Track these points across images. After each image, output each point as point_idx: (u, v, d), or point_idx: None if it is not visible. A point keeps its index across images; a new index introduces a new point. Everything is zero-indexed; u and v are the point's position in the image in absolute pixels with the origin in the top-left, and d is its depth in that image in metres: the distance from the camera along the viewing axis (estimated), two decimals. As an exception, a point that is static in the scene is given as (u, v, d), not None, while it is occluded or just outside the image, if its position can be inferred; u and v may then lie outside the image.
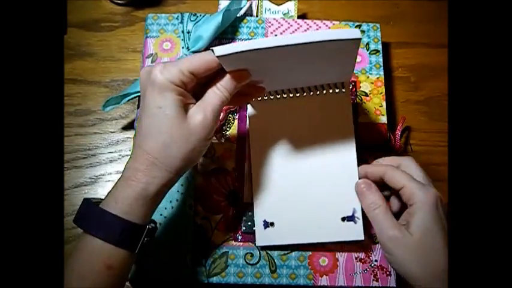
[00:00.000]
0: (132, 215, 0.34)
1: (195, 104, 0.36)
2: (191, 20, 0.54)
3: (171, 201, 0.48)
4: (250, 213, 0.47)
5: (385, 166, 0.42)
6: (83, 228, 0.35)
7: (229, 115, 0.51)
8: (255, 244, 0.47)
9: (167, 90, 0.34)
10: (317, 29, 0.55)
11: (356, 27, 0.55)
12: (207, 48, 0.53)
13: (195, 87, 0.37)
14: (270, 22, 0.55)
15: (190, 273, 0.46)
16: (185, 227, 0.47)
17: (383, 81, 0.53)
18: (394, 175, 0.41)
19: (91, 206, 0.35)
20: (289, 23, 0.55)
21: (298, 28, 0.55)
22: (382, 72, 0.53)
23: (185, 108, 0.35)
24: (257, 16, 0.57)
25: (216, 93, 0.36)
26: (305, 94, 0.46)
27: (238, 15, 0.55)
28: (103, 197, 0.36)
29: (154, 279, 0.46)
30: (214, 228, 0.47)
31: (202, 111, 0.35)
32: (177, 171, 0.36)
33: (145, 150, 0.35)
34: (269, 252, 0.47)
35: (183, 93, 0.35)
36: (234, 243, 0.47)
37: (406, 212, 0.40)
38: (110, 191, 0.36)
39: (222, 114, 0.50)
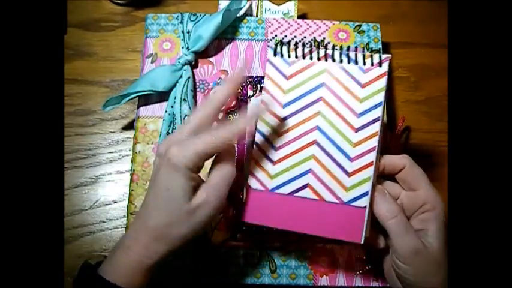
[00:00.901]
0: (130, 285, 0.35)
1: (201, 183, 0.37)
2: (191, 20, 0.54)
3: (171, 201, 0.48)
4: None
5: (406, 158, 0.39)
6: None
7: (229, 115, 0.51)
8: (255, 244, 0.46)
9: (179, 173, 0.35)
10: (317, 29, 0.55)
11: (356, 27, 0.55)
12: (207, 48, 0.53)
13: None
14: (270, 22, 0.55)
15: (191, 273, 0.46)
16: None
17: (383, 81, 0.53)
18: (416, 174, 0.39)
19: (90, 272, 0.36)
20: (289, 23, 0.55)
21: (298, 28, 0.55)
22: (382, 72, 0.53)
23: (194, 189, 0.36)
24: (257, 16, 0.57)
25: (218, 172, 0.37)
26: None
27: (238, 15, 0.55)
28: (103, 199, 0.36)
29: (154, 279, 0.46)
30: (214, 228, 0.47)
31: (204, 193, 0.36)
32: (177, 247, 0.36)
33: (148, 225, 0.36)
34: (269, 252, 0.47)
35: (194, 177, 0.36)
36: (234, 243, 0.47)
37: (417, 218, 0.39)
38: (109, 256, 0.37)
39: (221, 114, 0.50)
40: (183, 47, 0.53)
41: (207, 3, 0.60)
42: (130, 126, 0.55)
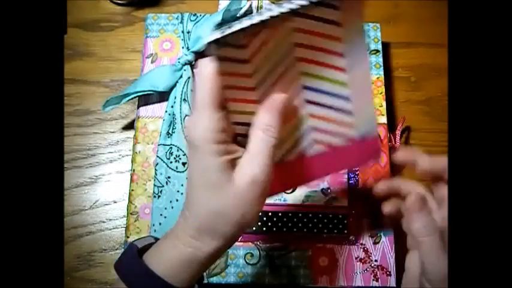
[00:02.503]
0: (175, 279, 0.31)
1: (241, 155, 0.31)
2: (191, 20, 0.54)
3: (171, 201, 0.48)
4: (250, 213, 0.47)
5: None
6: (123, 280, 0.32)
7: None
8: (255, 244, 0.46)
9: (207, 153, 0.30)
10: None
11: (356, 27, 0.55)
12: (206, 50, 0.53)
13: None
14: (270, 22, 0.55)
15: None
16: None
17: (383, 81, 0.53)
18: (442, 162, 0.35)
19: (136, 260, 0.32)
20: (289, 23, 0.55)
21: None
22: (382, 72, 0.53)
23: (232, 164, 0.31)
24: (257, 16, 0.57)
25: (262, 138, 0.31)
26: None
27: (238, 15, 0.55)
28: (103, 199, 0.36)
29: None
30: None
31: (249, 168, 0.30)
32: (229, 239, 0.32)
33: (194, 215, 0.32)
34: (269, 252, 0.47)
35: (226, 148, 0.31)
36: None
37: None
38: (156, 244, 0.33)
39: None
40: (183, 47, 0.53)
41: (207, 3, 0.60)
42: (130, 126, 0.55)
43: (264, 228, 0.47)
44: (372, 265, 0.47)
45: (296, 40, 0.36)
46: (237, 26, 0.30)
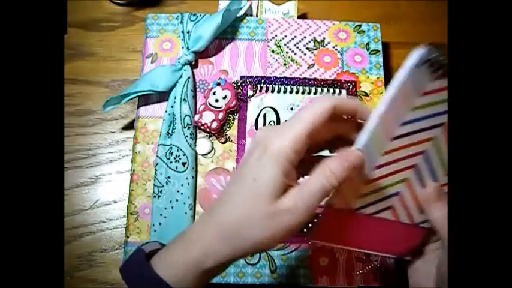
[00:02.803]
0: (182, 284, 0.30)
1: (295, 187, 0.30)
2: (191, 20, 0.54)
3: (171, 201, 0.48)
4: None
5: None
6: (127, 283, 0.32)
7: (229, 115, 0.51)
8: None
9: (275, 163, 0.29)
10: (317, 29, 0.55)
11: (356, 27, 0.55)
12: (207, 48, 0.53)
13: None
14: (270, 22, 0.55)
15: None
16: (185, 227, 0.47)
17: (383, 81, 0.53)
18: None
19: (143, 264, 0.32)
20: (289, 23, 0.55)
21: (298, 28, 0.55)
22: (382, 72, 0.53)
23: (284, 188, 0.30)
24: (257, 16, 0.57)
25: (320, 180, 0.30)
26: None
27: (238, 15, 0.55)
28: (103, 199, 0.36)
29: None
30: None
31: (294, 198, 0.29)
32: (243, 254, 0.31)
33: (217, 220, 0.30)
34: (269, 252, 0.47)
35: (290, 173, 0.30)
36: (234, 243, 0.47)
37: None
38: (167, 248, 0.32)
39: (222, 114, 0.50)
40: (183, 47, 0.53)
41: (207, 3, 0.60)
42: (130, 126, 0.55)
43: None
44: (372, 265, 0.47)
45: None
46: None
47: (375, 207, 0.36)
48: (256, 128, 0.50)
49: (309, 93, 0.52)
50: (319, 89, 0.52)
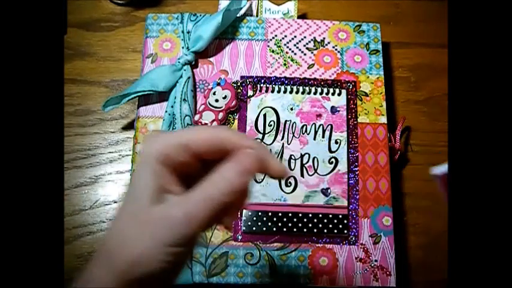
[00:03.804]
0: None
1: (176, 192, 0.27)
2: (191, 20, 0.54)
3: (171, 201, 0.47)
4: (250, 213, 0.47)
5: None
6: None
7: (229, 115, 0.51)
8: (255, 244, 0.46)
9: (146, 167, 0.26)
10: (317, 29, 0.55)
11: (356, 27, 0.55)
12: (207, 48, 0.53)
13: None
14: (270, 22, 0.55)
15: (191, 274, 0.46)
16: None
17: (383, 81, 0.53)
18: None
19: None
20: (289, 23, 0.55)
21: (298, 28, 0.55)
22: (382, 72, 0.53)
23: (162, 192, 0.26)
24: (257, 16, 0.57)
25: (208, 187, 0.26)
26: None
27: (238, 15, 0.55)
28: (103, 199, 0.36)
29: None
30: (214, 228, 0.47)
31: (174, 206, 0.25)
32: (119, 280, 0.24)
33: (104, 240, 0.26)
34: (269, 252, 0.47)
35: (164, 174, 0.26)
36: (234, 243, 0.47)
37: None
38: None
39: (222, 114, 0.50)
40: (183, 47, 0.53)
41: (207, 3, 0.60)
42: (130, 126, 0.55)
43: (264, 228, 0.47)
44: (372, 265, 0.47)
45: None
46: None
47: None
48: (256, 128, 0.50)
49: (309, 93, 0.52)
50: (319, 89, 0.52)
